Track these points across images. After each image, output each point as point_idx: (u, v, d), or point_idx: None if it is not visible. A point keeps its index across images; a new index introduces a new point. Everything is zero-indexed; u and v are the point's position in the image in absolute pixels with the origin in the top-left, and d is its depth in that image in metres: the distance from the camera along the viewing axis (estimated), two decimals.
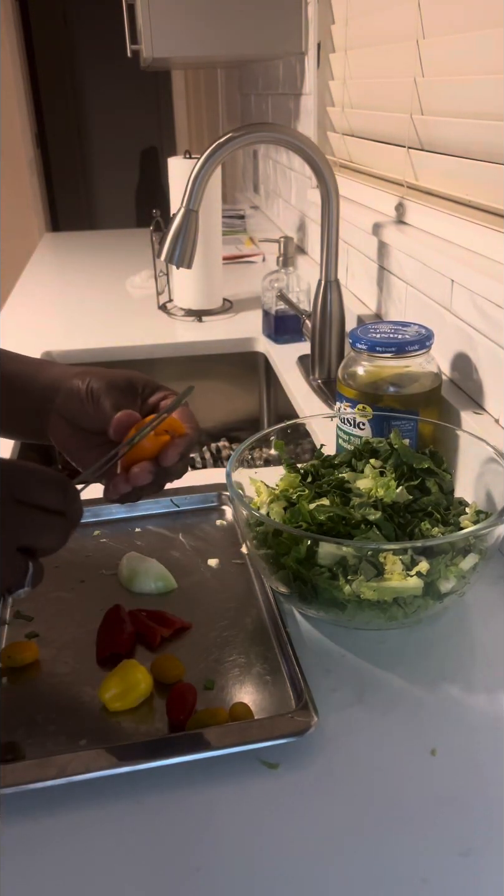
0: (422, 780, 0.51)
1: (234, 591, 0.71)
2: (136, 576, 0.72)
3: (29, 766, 0.51)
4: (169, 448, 0.56)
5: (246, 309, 1.59)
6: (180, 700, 0.57)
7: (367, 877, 0.45)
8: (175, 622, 0.66)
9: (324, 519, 0.64)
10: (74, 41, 4.76)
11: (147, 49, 1.52)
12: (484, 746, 0.54)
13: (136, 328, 1.49)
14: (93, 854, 0.47)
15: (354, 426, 0.82)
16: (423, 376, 0.84)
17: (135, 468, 0.55)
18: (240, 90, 2.64)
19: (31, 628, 0.66)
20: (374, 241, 1.19)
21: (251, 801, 0.50)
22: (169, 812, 0.50)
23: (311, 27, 1.49)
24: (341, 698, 0.58)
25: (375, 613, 0.61)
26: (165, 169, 1.49)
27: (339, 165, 1.45)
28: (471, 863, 0.46)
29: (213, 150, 1.02)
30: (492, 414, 0.84)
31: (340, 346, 1.16)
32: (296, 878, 0.45)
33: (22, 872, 0.46)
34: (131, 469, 0.56)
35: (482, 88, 0.86)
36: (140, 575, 0.72)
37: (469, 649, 0.64)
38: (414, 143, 1.06)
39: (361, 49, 1.27)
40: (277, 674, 0.61)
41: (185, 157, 1.45)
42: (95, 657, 0.63)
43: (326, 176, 1.07)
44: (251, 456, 0.76)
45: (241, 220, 2.32)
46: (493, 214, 0.88)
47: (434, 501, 0.68)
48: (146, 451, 0.56)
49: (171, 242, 1.06)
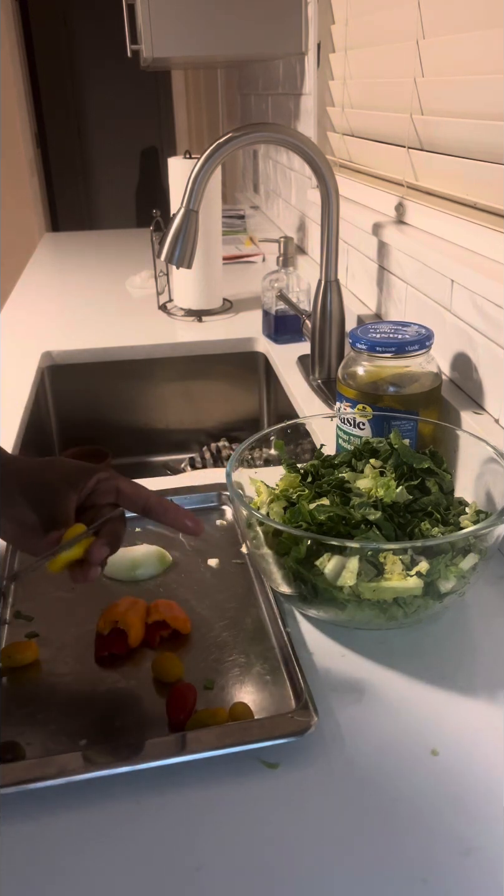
0: (422, 780, 0.51)
1: (234, 591, 0.71)
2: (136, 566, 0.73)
3: (29, 766, 0.51)
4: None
5: (246, 309, 1.59)
6: (180, 700, 0.56)
7: (367, 876, 0.45)
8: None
9: (324, 519, 0.64)
10: (74, 41, 4.76)
11: (147, 49, 1.52)
12: (484, 746, 0.54)
13: (136, 328, 1.49)
14: (93, 854, 0.47)
15: (354, 426, 0.82)
16: (423, 376, 0.84)
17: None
18: (240, 90, 2.64)
19: (31, 628, 0.66)
20: (374, 241, 1.19)
21: (251, 801, 0.50)
22: (169, 812, 0.50)
23: (311, 27, 1.49)
24: (341, 698, 0.58)
25: (375, 613, 0.61)
26: (165, 169, 1.49)
27: (339, 165, 1.45)
28: (471, 862, 0.46)
29: (213, 150, 1.02)
30: (492, 414, 0.84)
31: (340, 346, 1.16)
32: (296, 878, 0.45)
33: (22, 872, 0.46)
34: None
35: (482, 88, 0.86)
36: (137, 562, 0.74)
37: (469, 649, 0.64)
38: (414, 143, 1.06)
39: (361, 49, 1.27)
40: (277, 674, 0.61)
41: (185, 157, 1.45)
42: (94, 657, 0.63)
43: (326, 176, 1.07)
44: (251, 456, 0.76)
45: (241, 220, 2.32)
46: (493, 214, 0.88)
47: (434, 501, 0.68)
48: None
49: (171, 242, 1.06)
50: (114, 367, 1.41)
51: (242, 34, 1.53)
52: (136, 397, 1.46)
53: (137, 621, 0.64)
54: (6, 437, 1.04)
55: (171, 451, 1.50)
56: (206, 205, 1.38)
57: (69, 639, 0.65)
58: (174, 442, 1.50)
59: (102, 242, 2.35)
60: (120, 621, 0.64)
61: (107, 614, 0.65)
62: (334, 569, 0.60)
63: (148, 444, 1.50)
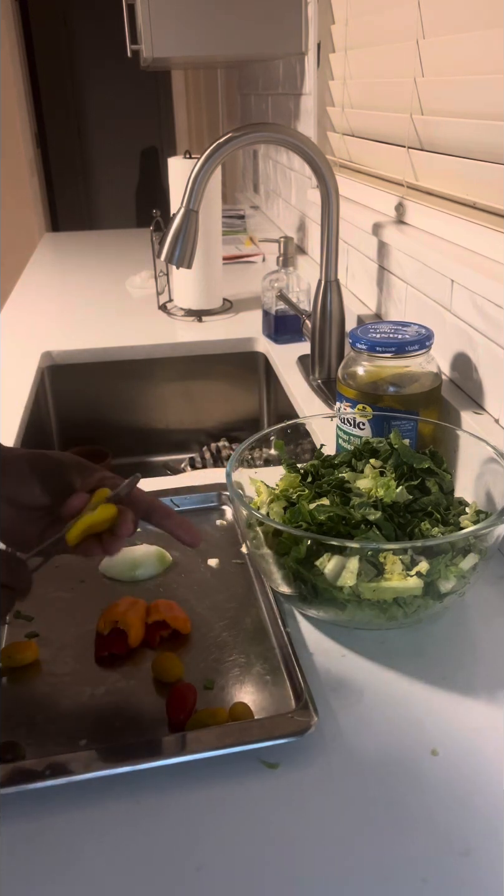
0: (422, 780, 0.51)
1: (234, 591, 0.71)
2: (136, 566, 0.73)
3: (29, 766, 0.51)
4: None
5: (246, 309, 1.59)
6: (180, 700, 0.57)
7: (367, 876, 0.45)
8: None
9: (324, 519, 0.64)
10: (74, 41, 4.76)
11: (147, 49, 1.52)
12: (484, 746, 0.54)
13: (136, 328, 1.49)
14: (93, 854, 0.47)
15: (354, 426, 0.82)
16: (423, 376, 0.84)
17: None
18: (240, 90, 2.64)
19: (31, 628, 0.66)
20: (374, 241, 1.19)
21: (251, 801, 0.50)
22: (169, 812, 0.50)
23: (311, 27, 1.49)
24: (341, 698, 0.58)
25: (375, 613, 0.61)
26: (165, 169, 1.49)
27: (339, 165, 1.45)
28: (471, 862, 0.46)
29: (213, 150, 1.02)
30: (492, 414, 0.84)
31: (340, 346, 1.16)
32: (296, 878, 0.45)
33: (22, 872, 0.46)
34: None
35: (482, 88, 0.86)
36: (137, 562, 0.73)
37: (469, 649, 0.64)
38: (414, 143, 1.06)
39: (361, 49, 1.27)
40: (277, 674, 0.61)
41: (185, 157, 1.45)
42: (94, 657, 0.63)
43: (326, 176, 1.07)
44: (251, 456, 0.76)
45: (241, 220, 2.32)
46: (494, 214, 0.88)
47: (434, 501, 0.68)
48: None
49: (171, 242, 1.06)
50: (114, 367, 1.41)
51: (242, 34, 1.53)
52: (136, 397, 1.46)
53: (137, 621, 0.64)
54: (6, 436, 1.04)
55: (171, 451, 1.50)
56: (206, 205, 1.38)
57: (69, 639, 0.65)
58: (174, 442, 1.50)
59: (102, 242, 2.35)
60: (120, 621, 0.64)
61: (107, 614, 0.65)
62: (334, 569, 0.60)
63: (148, 444, 1.50)
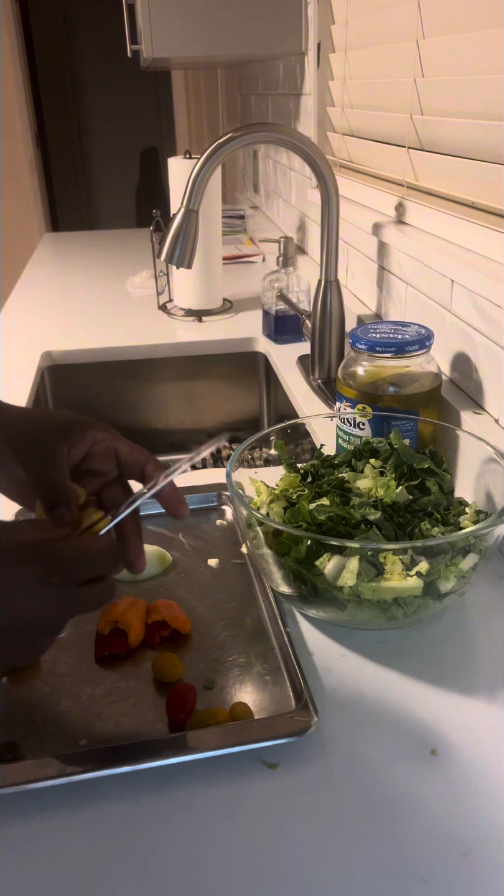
0: (422, 780, 0.51)
1: (234, 591, 0.71)
2: None
3: (29, 766, 0.51)
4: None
5: (246, 309, 1.59)
6: (180, 700, 0.56)
7: (366, 876, 0.45)
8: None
9: (324, 519, 0.64)
10: (74, 41, 4.76)
11: (147, 49, 1.52)
12: (484, 746, 0.54)
13: (136, 328, 1.49)
14: (92, 854, 0.47)
15: (354, 426, 0.82)
16: (423, 376, 0.84)
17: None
18: (240, 90, 2.64)
19: None
20: (374, 241, 1.19)
21: (251, 800, 0.50)
22: (169, 812, 0.50)
23: (311, 27, 1.49)
24: (341, 698, 0.58)
25: (375, 613, 0.61)
26: (165, 169, 1.49)
27: (339, 165, 1.45)
28: (471, 863, 0.46)
29: (213, 150, 1.02)
30: (492, 414, 0.84)
31: (340, 346, 1.16)
32: (296, 877, 0.45)
33: (22, 872, 0.46)
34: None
35: (482, 88, 0.86)
36: None
37: (469, 649, 0.64)
38: (414, 143, 1.06)
39: (361, 49, 1.27)
40: (277, 674, 0.61)
41: (185, 157, 1.45)
42: (94, 657, 0.63)
43: (326, 176, 1.07)
44: (251, 456, 0.76)
45: (241, 220, 2.32)
46: (494, 214, 0.88)
47: (434, 501, 0.68)
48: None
49: (171, 242, 1.06)
50: (114, 367, 1.41)
51: (242, 34, 1.53)
52: (136, 397, 1.46)
53: (137, 621, 0.64)
54: None
55: (171, 451, 1.50)
56: (206, 205, 1.38)
57: (69, 639, 0.65)
58: (174, 442, 1.50)
59: (102, 242, 2.35)
60: (120, 621, 0.64)
61: (107, 614, 0.65)
62: (334, 569, 0.60)
63: (148, 444, 1.48)
